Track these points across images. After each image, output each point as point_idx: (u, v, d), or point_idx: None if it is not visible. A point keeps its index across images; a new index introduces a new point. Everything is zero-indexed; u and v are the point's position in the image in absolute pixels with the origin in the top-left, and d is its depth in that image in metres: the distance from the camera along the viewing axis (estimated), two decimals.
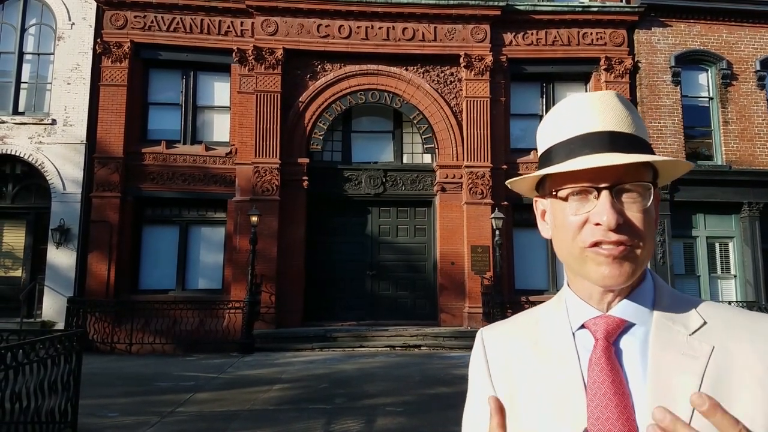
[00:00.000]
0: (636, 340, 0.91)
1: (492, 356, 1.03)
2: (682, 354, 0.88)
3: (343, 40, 15.26)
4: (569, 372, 0.92)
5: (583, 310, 0.95)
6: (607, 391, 0.87)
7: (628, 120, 0.94)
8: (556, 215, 0.96)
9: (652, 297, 0.95)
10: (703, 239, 15.45)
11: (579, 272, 0.93)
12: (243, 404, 7.69)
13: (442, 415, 6.96)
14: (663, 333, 0.91)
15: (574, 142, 0.93)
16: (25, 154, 14.28)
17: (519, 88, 15.99)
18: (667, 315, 0.93)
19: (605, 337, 0.91)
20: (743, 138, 15.57)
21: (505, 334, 1.05)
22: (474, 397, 1.04)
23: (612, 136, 0.92)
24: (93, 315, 13.19)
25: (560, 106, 1.00)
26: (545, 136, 1.00)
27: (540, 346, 0.98)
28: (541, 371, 0.95)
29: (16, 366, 4.98)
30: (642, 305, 0.93)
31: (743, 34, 16.00)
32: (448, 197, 15.09)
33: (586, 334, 0.94)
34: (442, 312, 14.68)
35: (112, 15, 14.91)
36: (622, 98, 0.97)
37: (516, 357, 0.99)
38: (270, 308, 13.93)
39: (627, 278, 0.89)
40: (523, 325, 1.04)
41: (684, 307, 0.94)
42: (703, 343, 0.89)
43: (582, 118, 0.94)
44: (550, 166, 0.94)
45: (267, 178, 14.52)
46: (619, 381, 0.88)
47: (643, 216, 0.90)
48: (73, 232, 14.02)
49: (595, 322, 0.93)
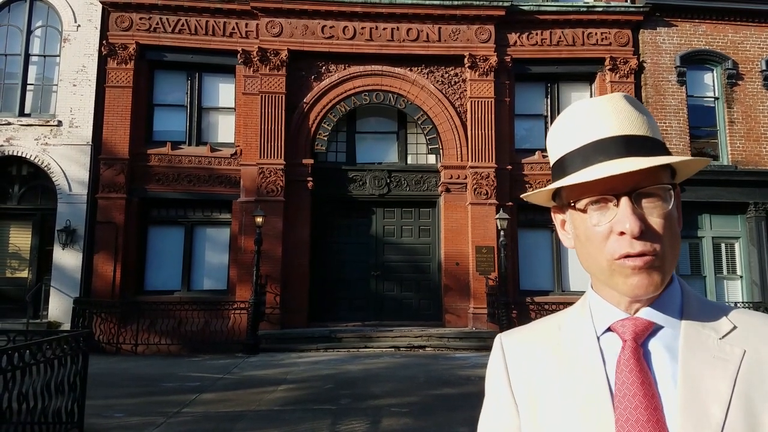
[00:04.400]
0: (664, 342, 0.90)
1: (512, 362, 1.01)
2: (713, 357, 0.87)
3: (347, 41, 15.27)
4: (594, 376, 0.91)
5: (610, 313, 0.94)
6: (636, 393, 0.86)
7: (639, 121, 0.92)
8: (578, 226, 0.94)
9: (680, 301, 0.93)
10: (709, 239, 15.38)
11: (607, 283, 0.92)
12: (248, 405, 7.70)
13: (447, 416, 6.96)
14: (693, 336, 0.89)
15: (587, 150, 0.91)
16: (31, 155, 14.34)
17: (523, 89, 15.97)
18: (696, 318, 0.92)
19: (634, 338, 0.90)
20: (749, 138, 15.50)
21: (526, 340, 1.03)
22: (491, 403, 1.03)
23: (626, 140, 0.90)
24: (99, 316, 13.24)
25: (569, 112, 0.98)
26: (556, 145, 0.98)
27: (563, 350, 0.97)
28: (565, 376, 0.94)
29: (23, 366, 5.00)
30: (670, 308, 0.92)
31: (749, 33, 15.93)
32: (453, 198, 15.08)
33: (612, 337, 0.93)
34: (446, 313, 14.67)
35: (118, 17, 14.96)
36: (632, 99, 0.95)
37: (538, 362, 0.98)
38: (275, 309, 13.95)
39: (656, 288, 0.88)
40: (544, 331, 1.02)
41: (712, 312, 0.93)
42: (735, 347, 0.87)
43: (593, 124, 0.92)
44: (565, 177, 0.92)
45: (272, 179, 14.54)
46: (648, 383, 0.86)
47: (665, 220, 0.88)
48: (79, 233, 14.07)
49: (623, 323, 0.92)
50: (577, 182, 0.89)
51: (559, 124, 0.98)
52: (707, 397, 0.83)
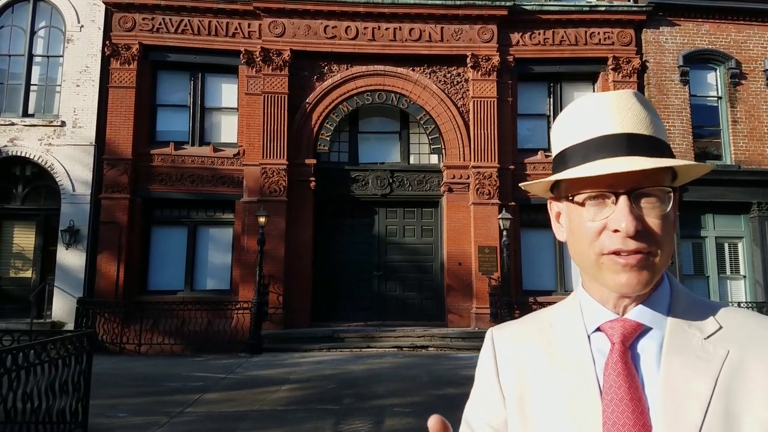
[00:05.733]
0: (652, 344, 0.90)
1: (502, 356, 1.02)
2: (696, 357, 0.87)
3: (349, 41, 15.28)
4: (584, 375, 0.91)
5: (599, 313, 0.94)
6: (624, 396, 0.86)
7: (646, 120, 0.91)
8: (573, 220, 0.93)
9: (668, 301, 0.93)
10: (712, 239, 15.36)
11: (595, 278, 0.92)
12: (252, 404, 7.71)
13: (450, 416, 6.88)
14: (678, 337, 0.89)
15: (590, 145, 0.91)
16: (34, 155, 14.38)
17: (526, 88, 15.95)
18: (683, 318, 0.91)
19: (622, 341, 0.90)
20: (752, 137, 15.47)
21: (517, 336, 1.03)
22: (479, 393, 1.04)
23: (630, 138, 0.89)
24: (102, 316, 13.27)
25: (576, 105, 0.97)
26: (560, 136, 0.97)
27: (554, 348, 0.96)
28: (555, 373, 0.94)
29: (27, 366, 5.01)
30: (658, 309, 0.92)
31: (752, 33, 15.90)
32: (455, 198, 15.08)
33: (602, 337, 0.93)
34: (449, 313, 14.67)
35: (121, 17, 14.99)
36: (641, 97, 0.94)
37: (528, 358, 0.98)
38: (278, 309, 13.96)
39: (644, 286, 0.88)
40: (536, 327, 1.02)
41: (700, 311, 0.93)
42: (718, 347, 0.87)
43: (599, 119, 0.91)
44: (566, 170, 0.92)
45: (274, 178, 14.56)
46: (635, 386, 0.86)
47: (662, 222, 0.88)
48: (82, 233, 14.11)
49: (612, 325, 0.91)
50: (578, 176, 0.89)
51: (565, 116, 0.98)
52: (686, 398, 0.83)
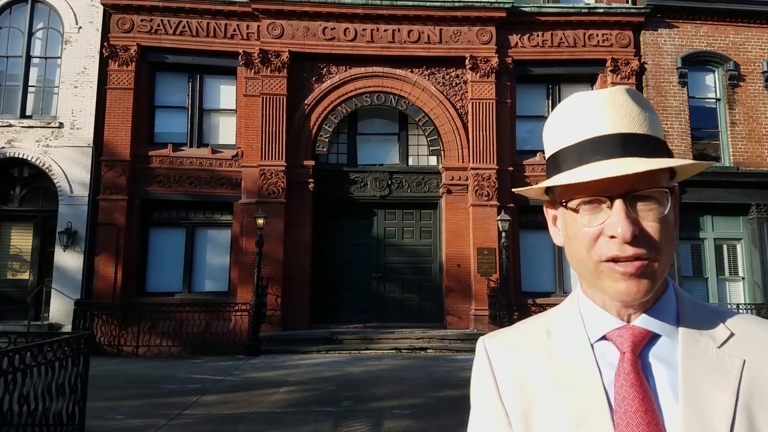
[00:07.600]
0: (662, 353, 0.86)
1: (500, 369, 0.94)
2: (713, 368, 0.83)
3: (348, 43, 15.27)
4: (591, 387, 0.86)
5: (603, 320, 0.89)
6: (638, 409, 0.82)
7: (640, 118, 0.87)
8: (568, 225, 0.89)
9: (675, 307, 0.90)
10: (710, 241, 15.36)
11: (595, 285, 0.88)
12: (250, 407, 7.68)
13: (449, 417, 6.93)
14: (691, 346, 0.86)
15: (583, 147, 0.86)
16: (32, 157, 14.35)
17: (525, 90, 15.96)
18: (693, 326, 0.88)
19: (632, 350, 0.86)
20: (751, 139, 15.48)
21: (513, 346, 0.96)
22: (480, 415, 0.95)
23: (624, 138, 0.85)
24: (100, 317, 13.23)
25: (566, 104, 0.92)
26: (552, 137, 0.93)
27: (555, 359, 0.91)
28: (559, 387, 0.88)
29: (24, 368, 4.98)
30: (666, 316, 0.88)
31: (750, 34, 15.92)
32: (454, 199, 15.07)
33: (606, 345, 0.89)
34: (448, 314, 14.65)
35: (119, 19, 14.97)
36: (634, 93, 0.90)
37: (528, 371, 0.92)
38: (276, 310, 13.94)
39: (645, 294, 0.84)
40: (532, 335, 0.96)
41: (709, 318, 0.89)
42: (734, 357, 0.84)
43: (591, 119, 0.87)
44: (559, 175, 0.88)
45: (273, 180, 14.54)
46: (649, 398, 0.82)
47: (661, 225, 0.84)
48: (80, 235, 14.07)
49: (620, 333, 0.87)
50: (571, 182, 0.84)
51: (556, 116, 0.93)
52: (711, 412, 0.80)
